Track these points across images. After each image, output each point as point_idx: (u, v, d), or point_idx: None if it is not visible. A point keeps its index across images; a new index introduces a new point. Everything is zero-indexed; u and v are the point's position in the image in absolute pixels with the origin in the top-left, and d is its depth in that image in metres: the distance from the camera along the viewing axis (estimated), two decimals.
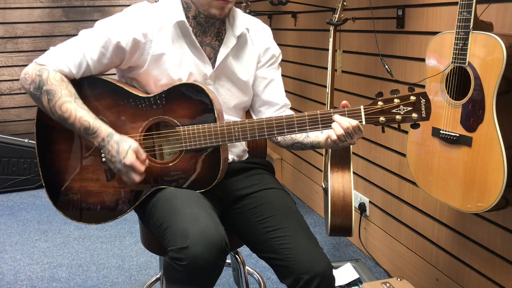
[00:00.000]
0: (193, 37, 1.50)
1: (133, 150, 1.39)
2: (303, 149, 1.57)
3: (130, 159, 1.38)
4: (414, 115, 1.33)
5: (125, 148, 1.39)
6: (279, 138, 1.62)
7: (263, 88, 1.63)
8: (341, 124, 1.34)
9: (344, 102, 1.38)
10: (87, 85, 1.48)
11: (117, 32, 1.45)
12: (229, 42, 1.55)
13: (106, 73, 1.54)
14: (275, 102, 1.64)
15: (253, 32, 1.60)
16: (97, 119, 1.43)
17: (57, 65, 1.44)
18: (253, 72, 1.61)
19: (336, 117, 1.36)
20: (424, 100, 1.32)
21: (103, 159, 1.48)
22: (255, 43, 1.61)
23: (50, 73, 1.43)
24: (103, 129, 1.41)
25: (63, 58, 1.44)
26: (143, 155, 1.42)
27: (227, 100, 1.58)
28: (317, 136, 1.50)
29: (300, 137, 1.56)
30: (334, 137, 1.36)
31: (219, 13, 1.47)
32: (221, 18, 1.50)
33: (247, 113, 1.74)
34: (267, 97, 1.63)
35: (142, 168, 1.41)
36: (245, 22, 1.58)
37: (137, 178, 1.41)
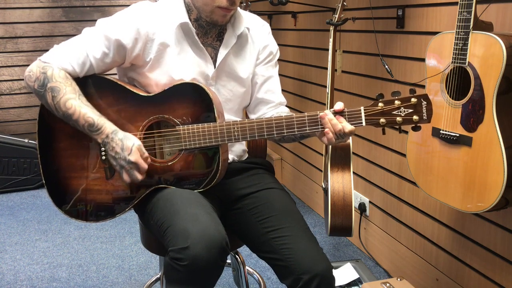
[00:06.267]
0: (196, 38, 1.51)
1: (137, 148, 1.40)
2: (294, 140, 1.57)
3: (135, 156, 1.39)
4: (415, 117, 1.32)
5: (129, 145, 1.40)
6: None
7: (260, 85, 1.64)
8: (331, 120, 1.34)
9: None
10: (89, 84, 1.49)
11: (119, 30, 1.46)
12: (229, 41, 1.56)
13: (108, 72, 1.54)
14: (271, 100, 1.64)
15: (253, 30, 1.61)
16: (102, 117, 1.44)
17: (61, 63, 1.45)
18: (252, 69, 1.62)
19: (329, 115, 1.35)
20: (425, 102, 1.31)
21: (103, 157, 1.48)
22: (254, 40, 1.62)
23: (55, 70, 1.44)
24: (107, 126, 1.42)
25: (67, 57, 1.46)
26: (145, 153, 1.43)
27: (228, 100, 1.59)
28: None
29: None
30: (330, 135, 1.36)
31: (221, 20, 1.49)
32: (223, 25, 1.52)
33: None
34: (263, 95, 1.64)
35: (145, 166, 1.41)
36: (245, 21, 1.58)
37: (139, 176, 1.42)
